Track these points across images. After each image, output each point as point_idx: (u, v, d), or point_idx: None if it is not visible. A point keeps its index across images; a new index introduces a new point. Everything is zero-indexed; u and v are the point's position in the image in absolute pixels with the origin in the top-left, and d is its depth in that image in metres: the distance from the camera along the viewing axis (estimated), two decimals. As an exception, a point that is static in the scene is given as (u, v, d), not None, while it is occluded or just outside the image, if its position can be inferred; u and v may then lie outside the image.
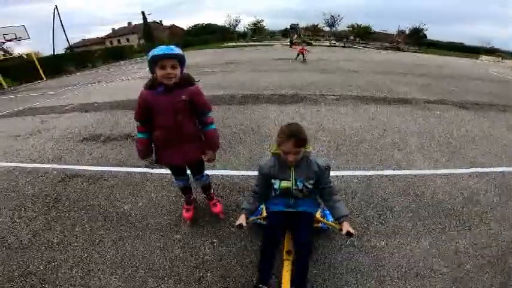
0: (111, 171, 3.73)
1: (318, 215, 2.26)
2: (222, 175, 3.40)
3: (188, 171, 2.46)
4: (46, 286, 2.05)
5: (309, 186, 1.92)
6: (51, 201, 3.12)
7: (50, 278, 2.11)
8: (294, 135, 1.72)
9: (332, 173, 2.09)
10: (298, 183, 1.91)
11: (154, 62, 1.82)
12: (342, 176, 3.31)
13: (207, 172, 2.59)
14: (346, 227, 1.76)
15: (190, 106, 2.03)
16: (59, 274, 2.15)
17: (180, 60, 1.89)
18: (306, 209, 2.01)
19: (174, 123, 2.03)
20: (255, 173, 2.15)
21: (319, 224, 2.28)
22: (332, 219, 2.11)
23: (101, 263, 2.23)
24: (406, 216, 2.63)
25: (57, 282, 2.08)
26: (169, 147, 2.13)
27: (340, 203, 1.92)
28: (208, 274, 2.09)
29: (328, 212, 2.20)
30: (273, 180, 1.96)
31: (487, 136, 4.61)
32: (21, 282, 2.10)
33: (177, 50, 1.86)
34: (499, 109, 6.48)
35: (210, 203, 2.73)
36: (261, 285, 1.75)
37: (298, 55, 16.84)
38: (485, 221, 2.57)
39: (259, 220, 2.32)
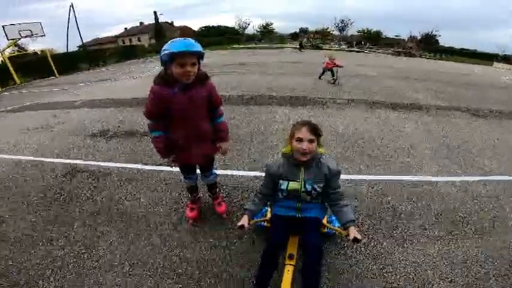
0: (116, 167, 3.72)
1: (324, 220, 2.17)
2: (226, 175, 3.34)
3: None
4: (41, 282, 2.01)
5: (318, 189, 1.85)
6: (54, 195, 3.10)
7: (45, 274, 2.08)
8: (308, 123, 1.77)
9: (341, 177, 2.02)
10: (307, 185, 1.84)
11: (172, 58, 1.67)
12: (351, 179, 3.21)
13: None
14: (353, 232, 1.68)
15: (208, 101, 1.99)
16: (55, 269, 2.11)
17: (200, 56, 1.78)
18: (313, 214, 1.94)
19: (194, 122, 1.98)
20: (260, 173, 2.10)
21: (325, 230, 2.20)
22: (338, 225, 2.02)
23: (99, 259, 2.19)
24: (415, 222, 2.53)
25: (52, 278, 2.04)
26: (189, 146, 2.05)
27: (347, 208, 1.84)
28: (209, 274, 2.03)
29: (334, 217, 2.12)
30: (280, 181, 1.89)
31: (499, 144, 4.45)
32: (16, 276, 2.07)
33: (198, 46, 1.72)
34: (511, 117, 6.28)
35: (214, 202, 2.66)
36: None
37: (324, 72, 9.89)
38: (497, 229, 2.46)
39: (263, 223, 2.25)
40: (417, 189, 3.05)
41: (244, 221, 1.81)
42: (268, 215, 2.26)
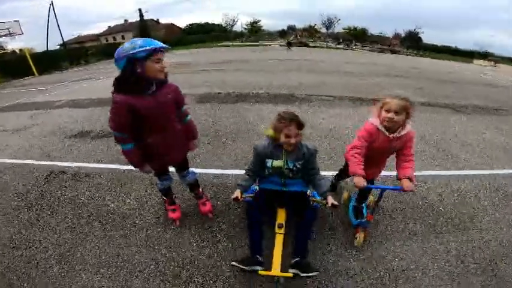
0: (98, 168, 3.65)
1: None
2: (210, 174, 3.33)
3: (172, 169, 2.38)
4: (25, 285, 1.97)
5: (298, 166, 2.07)
6: (35, 198, 3.02)
7: (29, 277, 2.04)
8: (295, 119, 1.90)
9: (325, 173, 2.08)
10: (289, 163, 2.06)
11: (146, 57, 1.62)
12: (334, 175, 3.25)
13: (197, 171, 2.54)
14: (331, 200, 1.98)
15: (175, 102, 1.99)
16: (39, 273, 2.07)
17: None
18: (298, 188, 2.17)
19: (168, 124, 1.96)
20: (246, 171, 2.15)
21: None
22: (318, 197, 2.23)
23: (83, 262, 2.16)
24: (397, 218, 2.60)
25: (37, 281, 2.00)
26: (167, 149, 2.04)
27: (324, 181, 2.17)
28: (196, 275, 2.03)
29: (314, 192, 2.35)
30: (266, 159, 2.09)
31: (479, 139, 4.62)
32: (-1, 280, 2.02)
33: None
34: (490, 113, 6.51)
35: (198, 202, 2.64)
36: (257, 256, 1.85)
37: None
38: (476, 223, 2.55)
39: (251, 199, 2.30)
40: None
41: (237, 193, 2.02)
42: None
